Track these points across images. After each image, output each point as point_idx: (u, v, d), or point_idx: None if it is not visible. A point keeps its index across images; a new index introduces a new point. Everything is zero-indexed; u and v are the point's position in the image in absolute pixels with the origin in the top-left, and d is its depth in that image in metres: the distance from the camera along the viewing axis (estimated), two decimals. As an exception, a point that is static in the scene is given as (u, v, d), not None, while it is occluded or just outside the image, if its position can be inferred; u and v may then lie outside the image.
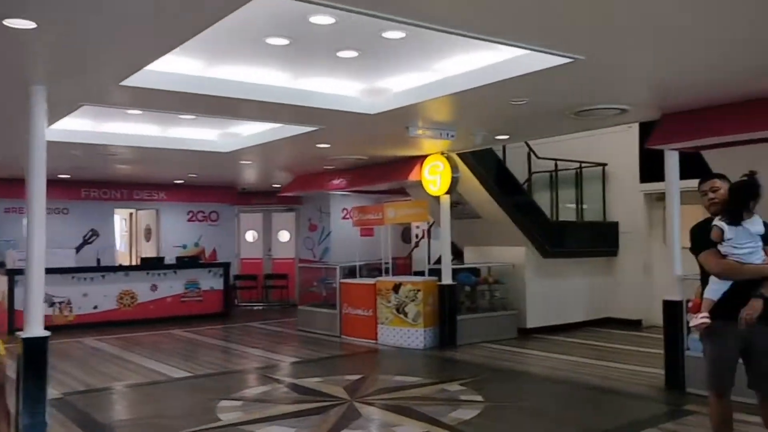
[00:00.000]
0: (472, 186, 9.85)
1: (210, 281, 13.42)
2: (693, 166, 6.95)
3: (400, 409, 5.95)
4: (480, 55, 5.07)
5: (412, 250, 14.66)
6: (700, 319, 4.11)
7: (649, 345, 9.01)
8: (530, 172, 10.90)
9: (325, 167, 10.55)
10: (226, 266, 13.73)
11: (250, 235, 15.97)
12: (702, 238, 4.16)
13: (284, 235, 15.93)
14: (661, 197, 11.29)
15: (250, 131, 8.09)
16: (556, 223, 10.83)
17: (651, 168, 10.88)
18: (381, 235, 11.05)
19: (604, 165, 11.55)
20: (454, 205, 10.40)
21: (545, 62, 4.63)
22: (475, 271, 10.41)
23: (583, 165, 11.49)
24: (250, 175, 12.12)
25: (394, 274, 12.08)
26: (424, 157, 9.25)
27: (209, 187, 14.42)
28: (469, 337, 9.51)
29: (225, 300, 13.56)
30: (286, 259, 15.46)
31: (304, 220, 15.61)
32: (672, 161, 6.81)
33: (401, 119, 6.62)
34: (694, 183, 4.47)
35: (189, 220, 14.85)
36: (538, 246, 10.39)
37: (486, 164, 9.90)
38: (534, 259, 10.47)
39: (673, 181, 6.78)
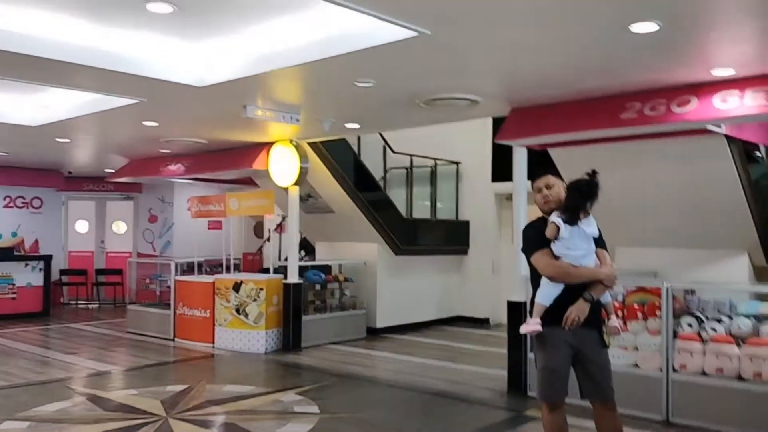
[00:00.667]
0: (324, 178, 9.27)
1: (27, 276, 11.81)
2: (542, 166, 6.82)
3: (223, 427, 5.23)
4: (321, 21, 4.47)
5: (263, 245, 13.84)
6: (532, 325, 3.81)
7: (496, 344, 8.91)
8: (386, 168, 10.53)
9: (161, 151, 9.48)
10: (47, 259, 12.14)
11: (80, 226, 14.32)
12: (534, 238, 3.88)
13: (120, 226, 14.45)
14: (510, 197, 11.41)
15: (67, 102, 6.89)
16: (410, 221, 10.55)
17: (502, 168, 10.90)
18: (229, 229, 10.18)
19: (457, 163, 11.46)
20: (304, 198, 9.78)
21: (389, 35, 4.13)
22: (325, 269, 9.85)
23: (437, 162, 11.32)
24: (76, 156, 10.69)
25: (242, 271, 11.29)
26: (271, 144, 8.52)
27: (30, 169, 12.66)
28: (315, 338, 8.94)
29: (45, 298, 11.98)
30: (122, 253, 13.99)
31: (143, 210, 14.23)
32: (519, 157, 6.63)
33: (236, 96, 5.86)
34: (541, 183, 4.20)
35: (6, 206, 12.97)
36: (390, 243, 10.03)
37: (340, 156, 9.36)
38: (386, 257, 10.11)
39: (521, 179, 6.60)
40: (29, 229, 13.17)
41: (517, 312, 6.35)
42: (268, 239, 14.61)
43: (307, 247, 11.90)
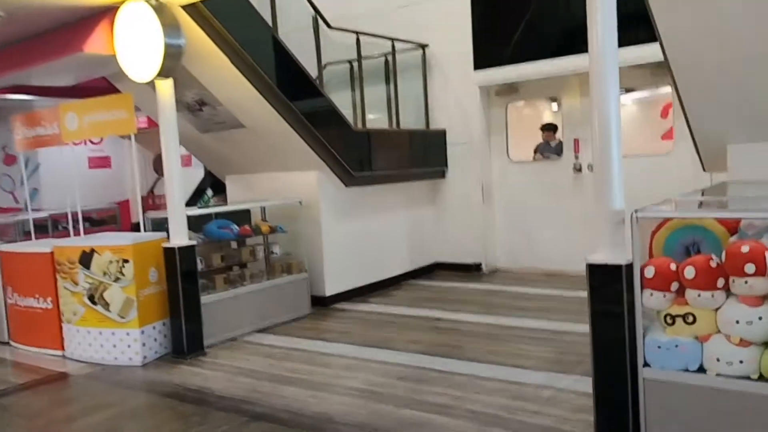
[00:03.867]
0: (222, 70, 5.71)
1: None
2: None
3: None
4: None
5: (154, 186, 10.21)
6: None
7: (512, 309, 5.85)
8: (320, 55, 6.94)
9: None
10: None
11: None
12: None
13: (-42, 173, 10.47)
14: (504, 90, 8.24)
15: None
16: (362, 134, 7.10)
17: (489, 49, 7.55)
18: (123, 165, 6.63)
19: (424, 46, 7.97)
20: (193, 106, 6.21)
21: None
22: (240, 216, 6.43)
23: (395, 46, 7.79)
24: None
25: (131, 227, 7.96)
26: (115, 9, 4.85)
27: None
28: (229, 328, 5.64)
29: None
30: (-36, 210, 10.11)
31: (-11, 147, 10.28)
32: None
33: None
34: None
35: None
36: (338, 169, 6.65)
37: (245, 33, 5.74)
38: (333, 190, 6.73)
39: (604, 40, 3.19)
40: None
41: (612, 281, 3.11)
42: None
43: (217, 185, 8.39)
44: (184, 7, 5.01)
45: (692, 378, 2.79)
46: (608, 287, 3.08)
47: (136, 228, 7.38)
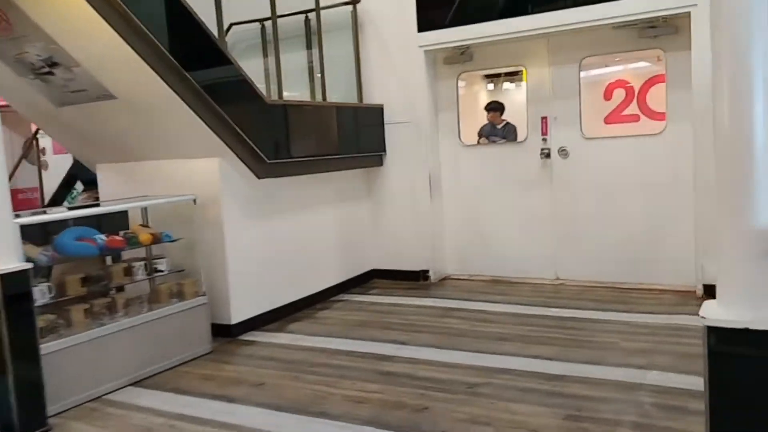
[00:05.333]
0: (76, 11, 3.93)
1: None
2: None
3: None
4: None
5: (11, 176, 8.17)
6: None
7: (463, 333, 4.44)
8: (219, 11, 5.21)
9: None
10: None
11: None
12: None
13: None
14: (455, 57, 6.61)
15: None
16: (278, 109, 5.44)
17: (437, 5, 6.10)
18: None
19: (354, 2, 6.38)
20: (39, 68, 4.43)
21: None
22: (111, 221, 4.71)
23: (320, 1, 6.16)
24: None
25: None
26: None
27: None
28: (87, 385, 3.92)
29: None
30: None
31: None
32: None
33: None
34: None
35: None
36: (246, 156, 5.01)
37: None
38: (240, 183, 5.08)
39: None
40: None
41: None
42: (45, 166, 9.04)
43: (90, 175, 6.52)
44: None
45: None
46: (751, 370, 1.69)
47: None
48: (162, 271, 4.69)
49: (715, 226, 2.15)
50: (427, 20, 6.15)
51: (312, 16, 6.19)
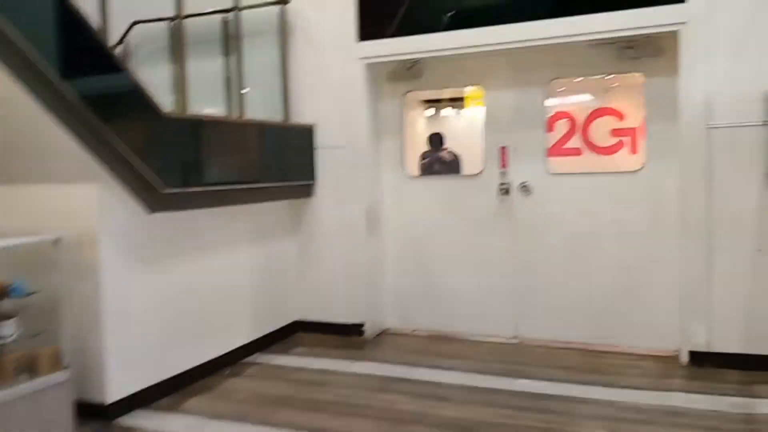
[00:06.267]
0: None
1: None
2: None
3: None
4: None
5: None
6: None
7: (415, 419, 3.42)
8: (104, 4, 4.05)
9: None
10: None
11: None
12: None
13: None
14: (402, 73, 5.45)
15: None
16: (180, 125, 4.27)
17: (381, 11, 5.16)
18: None
19: (283, 2, 5.34)
20: None
21: None
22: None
23: (241, 1, 5.11)
24: None
25: None
26: None
27: None
28: None
29: None
30: None
31: None
32: None
33: None
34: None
35: None
36: (135, 182, 3.83)
37: None
38: (125, 218, 3.89)
39: None
40: None
41: None
42: None
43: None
44: None
45: None
46: None
47: None
48: (8, 336, 3.43)
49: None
50: (369, 28, 5.19)
51: (233, 16, 5.11)
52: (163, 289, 4.18)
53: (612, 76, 5.09)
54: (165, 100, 4.19)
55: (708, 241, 4.33)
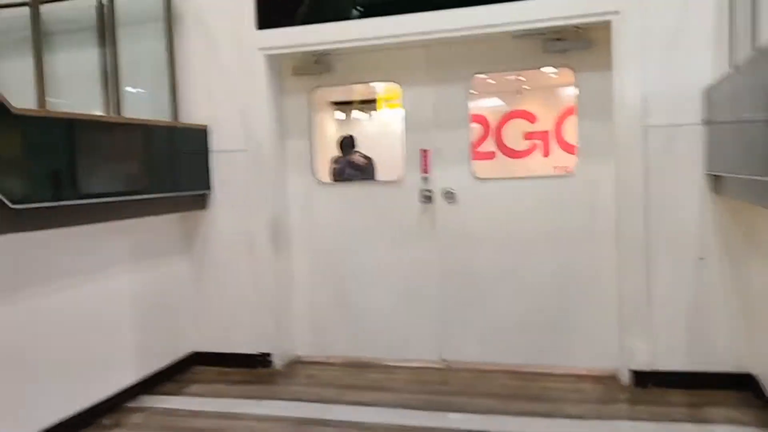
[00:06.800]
0: None
1: None
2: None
3: None
4: None
5: None
6: None
7: None
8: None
9: None
10: None
11: None
12: None
13: None
14: (308, 66, 4.68)
15: None
16: (33, 124, 3.45)
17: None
18: None
19: (170, -15, 4.61)
20: None
21: None
22: None
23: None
24: None
25: None
26: None
27: None
28: None
29: None
30: None
31: None
32: None
33: None
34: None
35: None
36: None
37: None
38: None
39: None
40: None
41: None
42: None
43: None
44: None
45: None
46: None
47: None
48: None
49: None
50: (270, 15, 4.54)
51: (108, 1, 4.32)
52: (17, 326, 3.35)
53: (526, 77, 4.70)
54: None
55: (646, 250, 3.98)
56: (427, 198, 4.61)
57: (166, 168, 4.41)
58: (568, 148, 7.45)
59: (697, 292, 3.93)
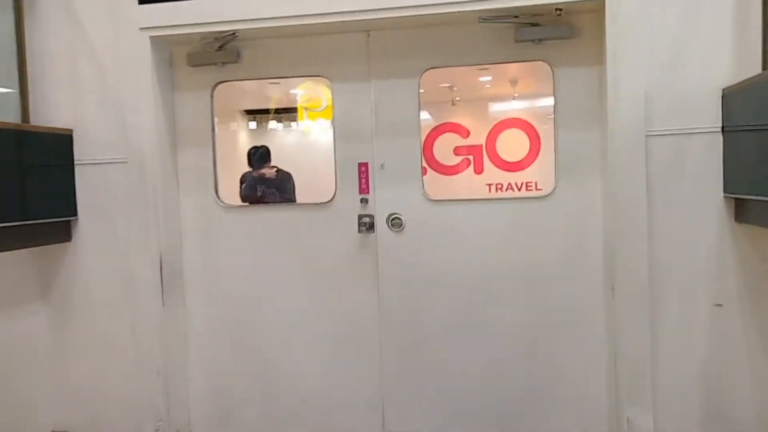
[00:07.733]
0: None
1: None
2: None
3: None
4: None
5: None
6: None
7: None
8: None
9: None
10: None
11: None
12: None
13: None
14: (208, 54, 3.47)
15: None
16: None
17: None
18: None
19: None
20: None
21: None
22: None
23: None
24: None
25: None
26: None
27: None
28: None
29: None
30: None
31: None
32: None
33: None
34: None
35: None
36: None
37: None
38: None
39: None
40: None
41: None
42: None
43: None
44: None
45: None
46: None
47: None
48: None
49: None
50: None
51: None
52: None
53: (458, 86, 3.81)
54: None
55: (649, 295, 3.10)
56: (368, 225, 3.57)
57: (10, 187, 3.17)
58: (503, 165, 6.86)
59: (714, 348, 3.08)
